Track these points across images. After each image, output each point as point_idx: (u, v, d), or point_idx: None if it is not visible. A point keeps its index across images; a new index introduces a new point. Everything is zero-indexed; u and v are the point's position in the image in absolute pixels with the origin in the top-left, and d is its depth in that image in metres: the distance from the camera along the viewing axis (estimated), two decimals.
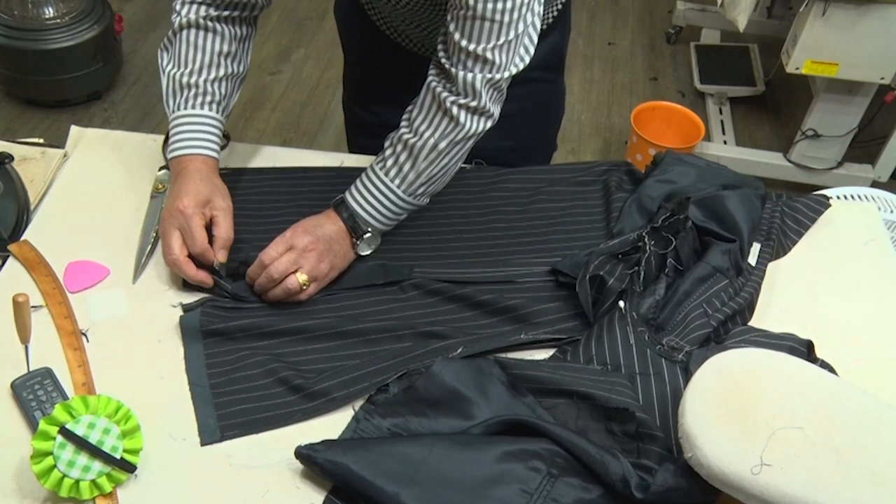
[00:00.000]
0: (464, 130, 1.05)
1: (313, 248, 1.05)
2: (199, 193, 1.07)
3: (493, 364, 0.98)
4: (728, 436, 0.80)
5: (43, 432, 0.83)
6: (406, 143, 1.06)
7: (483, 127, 1.07)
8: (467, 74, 1.01)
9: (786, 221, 1.22)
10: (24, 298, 0.91)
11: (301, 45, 3.19)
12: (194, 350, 1.01)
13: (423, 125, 1.05)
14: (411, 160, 1.06)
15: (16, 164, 1.21)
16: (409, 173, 1.07)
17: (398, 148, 1.07)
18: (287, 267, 1.04)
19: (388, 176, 1.07)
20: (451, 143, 1.05)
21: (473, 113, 1.05)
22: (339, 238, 1.08)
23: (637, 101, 2.98)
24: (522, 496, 0.85)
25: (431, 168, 1.07)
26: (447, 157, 1.07)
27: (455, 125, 1.04)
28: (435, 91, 1.04)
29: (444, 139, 1.05)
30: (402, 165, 1.06)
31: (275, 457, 0.91)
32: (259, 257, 1.05)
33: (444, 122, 1.04)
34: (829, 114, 2.49)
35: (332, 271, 1.08)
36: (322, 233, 1.06)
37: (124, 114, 2.82)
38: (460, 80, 1.01)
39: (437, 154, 1.06)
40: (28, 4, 2.65)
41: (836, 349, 1.03)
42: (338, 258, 1.08)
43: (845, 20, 2.19)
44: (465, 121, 1.04)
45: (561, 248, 1.16)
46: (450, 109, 1.03)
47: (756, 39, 3.14)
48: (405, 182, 1.07)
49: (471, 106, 1.03)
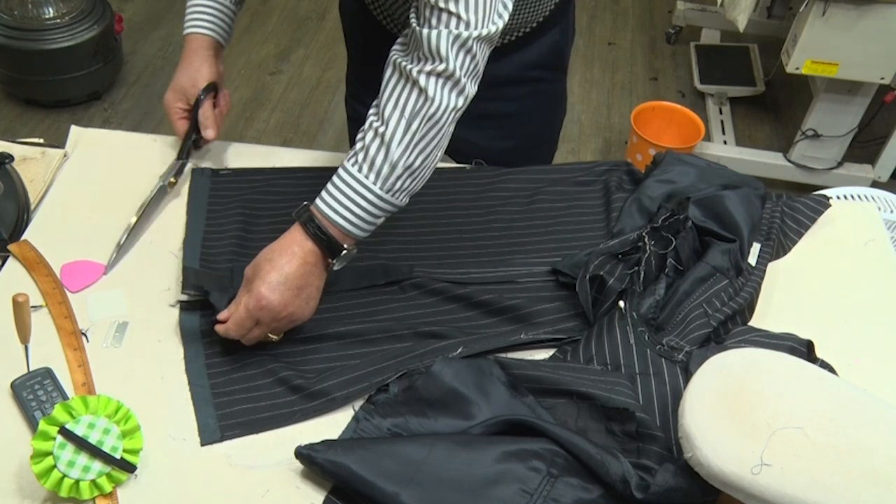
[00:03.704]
0: (434, 104, 0.94)
1: (283, 315, 0.96)
2: (178, 82, 1.19)
3: (493, 364, 0.98)
4: (728, 436, 0.80)
5: (43, 432, 0.83)
6: (376, 132, 0.95)
7: (455, 102, 0.96)
8: (431, 32, 0.92)
9: (786, 221, 1.22)
10: (24, 298, 0.91)
11: (301, 45, 3.19)
12: (194, 350, 1.01)
13: (389, 107, 0.95)
14: (383, 150, 0.95)
15: (16, 164, 1.21)
16: (384, 166, 0.95)
17: (367, 139, 0.96)
18: (258, 338, 0.99)
19: (360, 172, 0.95)
20: (423, 122, 0.94)
21: (444, 81, 0.94)
22: (308, 275, 0.97)
23: (637, 101, 2.98)
24: (522, 496, 0.85)
25: (407, 156, 0.95)
26: (423, 141, 0.96)
27: (424, 98, 0.94)
28: (399, 65, 0.95)
29: (414, 118, 0.94)
30: (374, 158, 0.95)
31: (275, 457, 0.91)
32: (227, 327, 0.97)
33: (413, 97, 0.94)
34: (829, 114, 2.49)
35: (306, 315, 1.00)
36: (289, 287, 0.95)
37: (124, 114, 2.82)
38: (425, 39, 0.92)
39: (411, 137, 0.94)
40: (28, 4, 2.65)
41: (836, 349, 1.03)
42: (311, 300, 0.99)
43: (845, 20, 2.19)
44: (433, 92, 0.94)
45: (561, 248, 1.16)
46: (417, 80, 0.94)
47: (756, 39, 3.14)
48: (380, 177, 0.95)
49: (438, 71, 0.93)
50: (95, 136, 1.30)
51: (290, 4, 3.38)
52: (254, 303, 0.95)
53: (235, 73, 3.02)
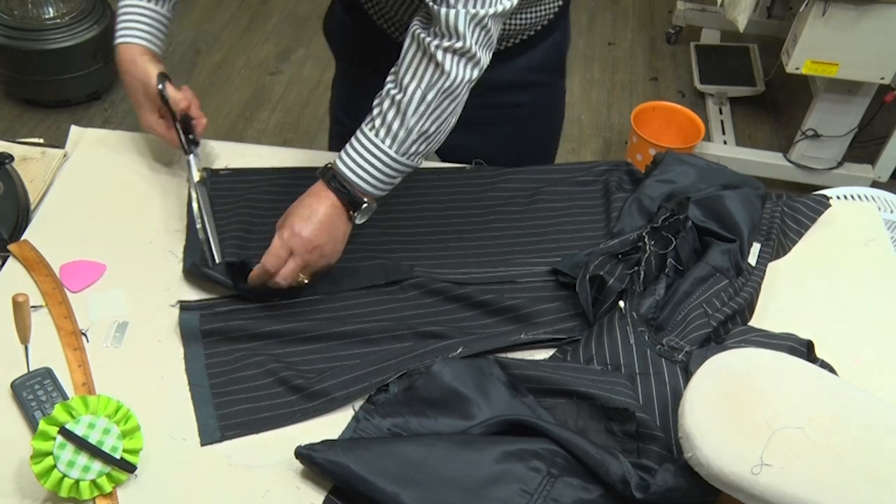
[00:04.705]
0: (450, 78, 1.00)
1: (314, 246, 1.03)
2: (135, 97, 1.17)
3: (493, 364, 0.98)
4: (728, 436, 0.80)
5: (43, 432, 0.83)
6: (393, 100, 1.01)
7: (470, 75, 1.01)
8: (449, 11, 0.97)
9: (786, 221, 1.22)
10: (24, 298, 0.91)
11: (301, 45, 3.19)
12: (194, 350, 1.01)
13: (407, 77, 1.00)
14: (400, 117, 1.00)
15: (16, 164, 1.21)
16: (400, 131, 1.01)
17: (385, 106, 1.01)
18: (294, 275, 1.03)
19: (377, 137, 1.01)
20: (439, 94, 1.00)
21: (459, 57, 0.99)
22: (335, 218, 1.04)
23: (637, 101, 2.98)
24: (522, 496, 0.85)
25: (422, 124, 1.01)
26: (437, 110, 1.01)
27: (440, 73, 0.99)
28: (419, 37, 1.00)
29: (430, 89, 1.00)
30: (391, 124, 1.01)
31: (275, 457, 0.91)
32: (262, 263, 1.03)
33: (430, 70, 0.99)
34: (829, 114, 2.49)
35: (334, 259, 1.07)
36: (318, 221, 1.03)
37: (124, 114, 2.82)
38: (442, 17, 0.97)
39: (426, 107, 1.00)
40: (28, 4, 2.65)
41: (836, 349, 1.03)
42: (337, 243, 1.06)
43: (845, 20, 2.19)
44: (450, 67, 0.99)
45: (561, 248, 1.16)
46: (434, 55, 0.98)
47: (756, 39, 3.14)
48: (396, 141, 1.01)
49: (455, 48, 0.98)
50: (95, 136, 1.30)
51: (289, 4, 3.38)
52: (287, 232, 1.02)
53: (235, 73, 3.02)
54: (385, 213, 1.20)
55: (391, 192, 1.10)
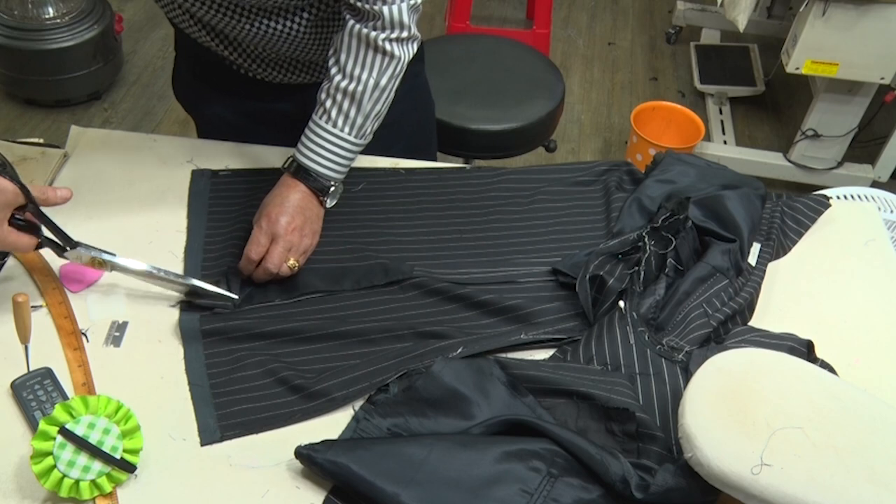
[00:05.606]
0: (401, 62, 1.09)
1: (293, 227, 1.07)
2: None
3: (493, 364, 0.98)
4: (728, 436, 0.80)
5: (43, 432, 0.83)
6: (346, 91, 1.07)
7: (414, 50, 1.10)
8: (392, 8, 1.04)
9: (786, 221, 1.22)
10: (24, 298, 0.91)
11: None
12: (194, 350, 1.01)
13: (356, 69, 1.07)
14: (356, 105, 1.08)
15: (16, 164, 1.21)
16: (357, 117, 1.09)
17: (338, 98, 1.08)
18: (281, 259, 1.06)
19: (336, 127, 1.08)
20: (391, 77, 1.09)
21: (406, 42, 1.08)
22: (308, 202, 1.10)
23: (637, 101, 2.98)
24: (522, 496, 0.85)
25: (376, 107, 1.09)
26: (389, 91, 1.10)
27: (391, 59, 1.08)
28: (360, 33, 1.06)
29: (383, 76, 1.08)
30: (348, 112, 1.08)
31: (275, 457, 0.91)
32: (245, 253, 1.06)
33: (379, 59, 1.07)
34: (829, 114, 2.49)
35: (314, 237, 1.11)
36: (292, 205, 1.08)
37: (124, 114, 2.82)
38: (387, 15, 1.04)
39: (381, 91, 1.09)
40: (28, 4, 2.65)
41: (836, 349, 1.03)
42: (314, 223, 1.11)
43: (845, 20, 2.19)
44: (399, 53, 1.08)
45: (561, 248, 1.16)
46: (382, 46, 1.06)
47: (756, 39, 3.14)
48: (354, 127, 1.09)
49: (402, 37, 1.07)
50: (95, 136, 1.30)
51: None
52: (265, 221, 1.07)
53: None
54: (385, 213, 1.20)
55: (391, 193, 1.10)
